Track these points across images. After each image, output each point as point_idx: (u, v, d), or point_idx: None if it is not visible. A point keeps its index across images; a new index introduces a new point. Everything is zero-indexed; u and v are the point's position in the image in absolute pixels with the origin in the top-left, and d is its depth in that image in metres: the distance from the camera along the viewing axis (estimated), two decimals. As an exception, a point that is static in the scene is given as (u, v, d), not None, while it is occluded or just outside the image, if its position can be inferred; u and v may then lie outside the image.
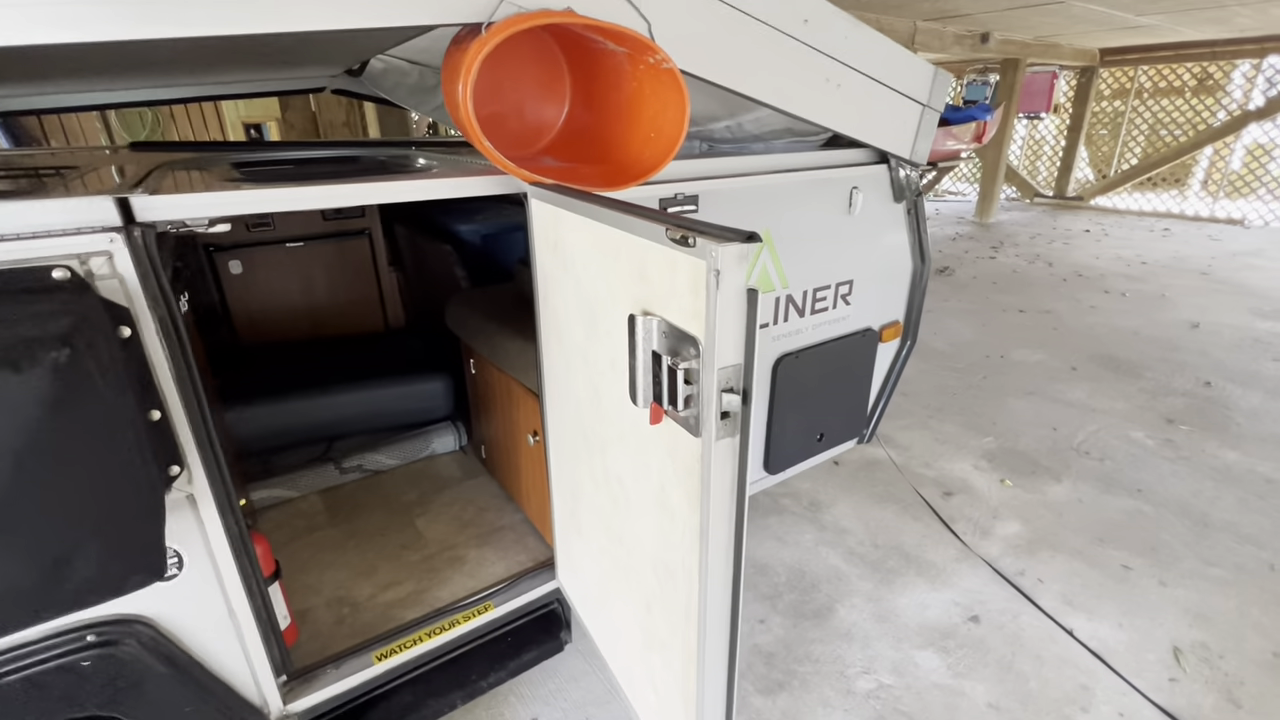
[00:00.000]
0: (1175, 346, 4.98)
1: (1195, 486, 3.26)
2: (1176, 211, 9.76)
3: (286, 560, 1.87)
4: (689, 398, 0.79)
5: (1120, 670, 2.23)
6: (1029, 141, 11.38)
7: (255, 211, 1.11)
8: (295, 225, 2.74)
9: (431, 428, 2.46)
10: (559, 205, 1.14)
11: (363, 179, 1.26)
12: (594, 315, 1.07)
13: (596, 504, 1.26)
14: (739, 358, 0.74)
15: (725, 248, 0.67)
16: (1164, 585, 2.62)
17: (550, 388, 1.43)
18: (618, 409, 1.06)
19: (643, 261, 0.86)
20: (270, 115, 10.38)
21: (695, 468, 0.83)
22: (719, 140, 2.11)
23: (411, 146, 2.45)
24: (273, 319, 2.76)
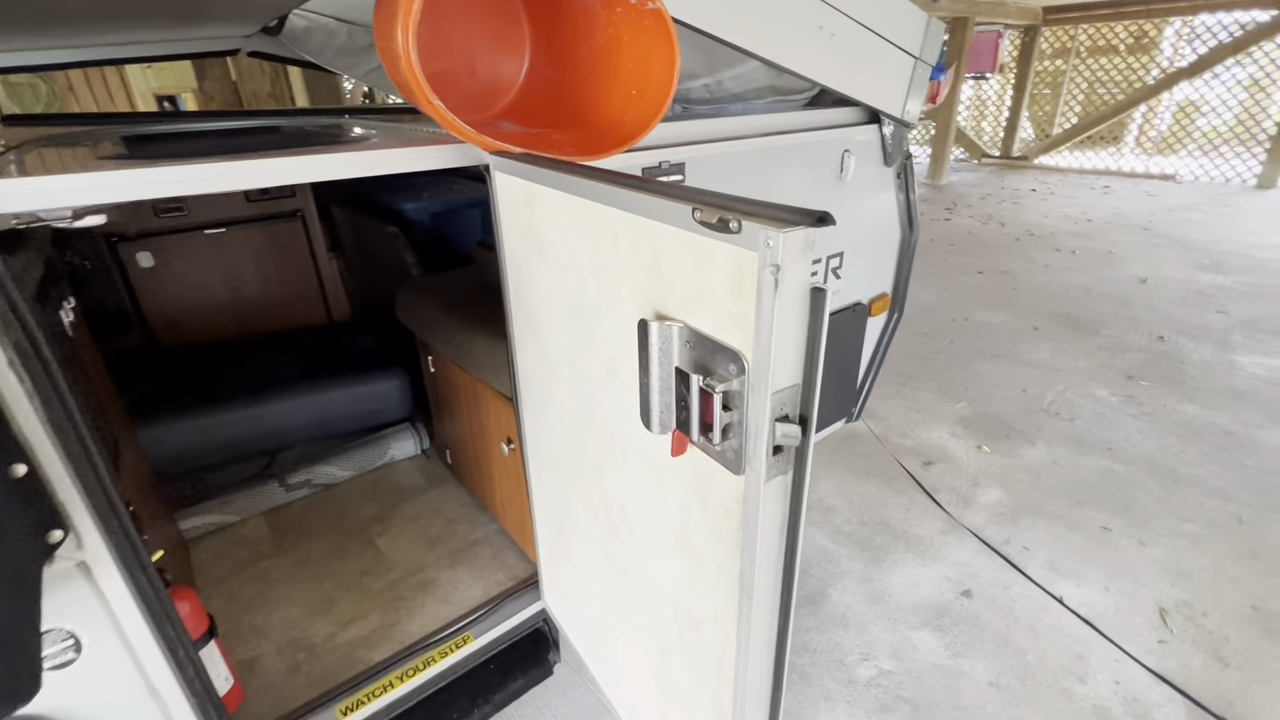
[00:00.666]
0: (1126, 302, 5.10)
1: (1160, 442, 3.31)
2: (1114, 169, 10.06)
3: (227, 599, 1.63)
4: (728, 427, 0.62)
5: (1112, 636, 2.23)
6: (974, 102, 11.50)
7: (136, 197, 0.86)
8: (214, 209, 2.40)
9: (387, 431, 2.22)
10: (532, 180, 0.92)
11: (282, 152, 1.01)
12: (584, 316, 0.88)
13: (591, 529, 1.09)
14: (798, 377, 0.57)
15: (788, 234, 0.49)
16: (1143, 545, 2.64)
17: (527, 394, 1.23)
18: (618, 428, 0.88)
19: (656, 251, 0.67)
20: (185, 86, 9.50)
21: (734, 509, 0.66)
22: (695, 101, 1.90)
23: (344, 115, 2.14)
24: (195, 317, 2.43)
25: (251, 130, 1.64)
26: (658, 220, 0.65)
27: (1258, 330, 4.51)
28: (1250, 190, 8.62)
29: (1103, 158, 10.17)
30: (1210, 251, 6.18)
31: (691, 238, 0.60)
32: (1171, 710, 1.95)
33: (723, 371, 0.61)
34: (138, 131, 1.63)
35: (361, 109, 2.33)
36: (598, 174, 0.77)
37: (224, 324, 2.50)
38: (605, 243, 0.77)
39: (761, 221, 0.51)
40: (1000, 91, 11.02)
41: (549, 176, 0.87)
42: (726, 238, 0.55)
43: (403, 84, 1.02)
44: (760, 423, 0.58)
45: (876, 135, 1.86)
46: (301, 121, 1.98)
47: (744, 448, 0.61)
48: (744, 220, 0.53)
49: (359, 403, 2.17)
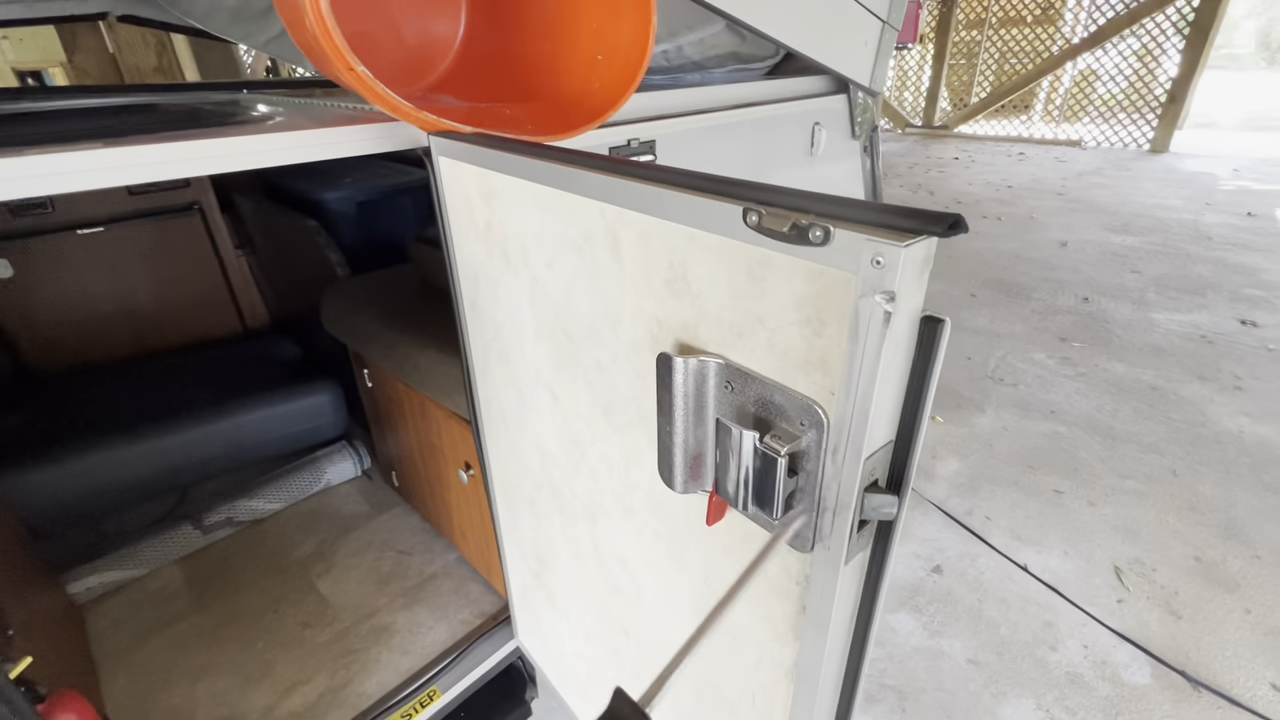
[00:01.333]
0: (1052, 266, 5.32)
1: (1097, 402, 3.45)
2: (1027, 136, 10.53)
3: (137, 674, 1.37)
4: (793, 495, 0.47)
5: (1076, 600, 2.29)
6: (897, 72, 11.74)
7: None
8: (88, 205, 2.03)
9: (321, 453, 1.96)
10: (492, 167, 0.73)
11: (167, 137, 0.77)
12: (570, 339, 0.71)
13: (581, 580, 0.93)
14: (893, 432, 0.43)
15: (909, 249, 0.34)
16: (1093, 505, 2.74)
17: (492, 421, 1.04)
18: (618, 475, 0.72)
19: (680, 263, 0.51)
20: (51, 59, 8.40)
21: (792, 591, 0.52)
22: (652, 70, 1.72)
23: (242, 90, 1.83)
24: (74, 335, 2.05)
25: (122, 110, 1.33)
26: (685, 224, 0.49)
27: (1168, 288, 4.80)
28: (1145, 155, 9.22)
29: (1015, 125, 10.63)
30: (1119, 214, 6.55)
31: (741, 249, 0.45)
32: (1137, 669, 2.01)
33: (785, 425, 0.46)
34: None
35: (264, 83, 2.00)
36: (592, 160, 0.59)
37: (114, 341, 2.14)
38: (601, 251, 0.60)
39: (864, 230, 0.36)
40: (920, 62, 11.28)
41: (515, 163, 0.68)
42: (804, 251, 0.40)
43: (312, 48, 0.80)
44: (846, 493, 0.44)
45: (845, 105, 1.74)
46: (189, 98, 1.66)
47: (817, 522, 0.47)
48: (834, 227, 0.37)
49: (285, 422, 1.90)
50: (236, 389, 1.92)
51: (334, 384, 1.96)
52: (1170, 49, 8.83)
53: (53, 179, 0.71)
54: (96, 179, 0.74)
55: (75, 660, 1.35)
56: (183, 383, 1.94)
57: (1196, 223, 6.12)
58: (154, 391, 1.91)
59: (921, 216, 0.35)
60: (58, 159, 0.70)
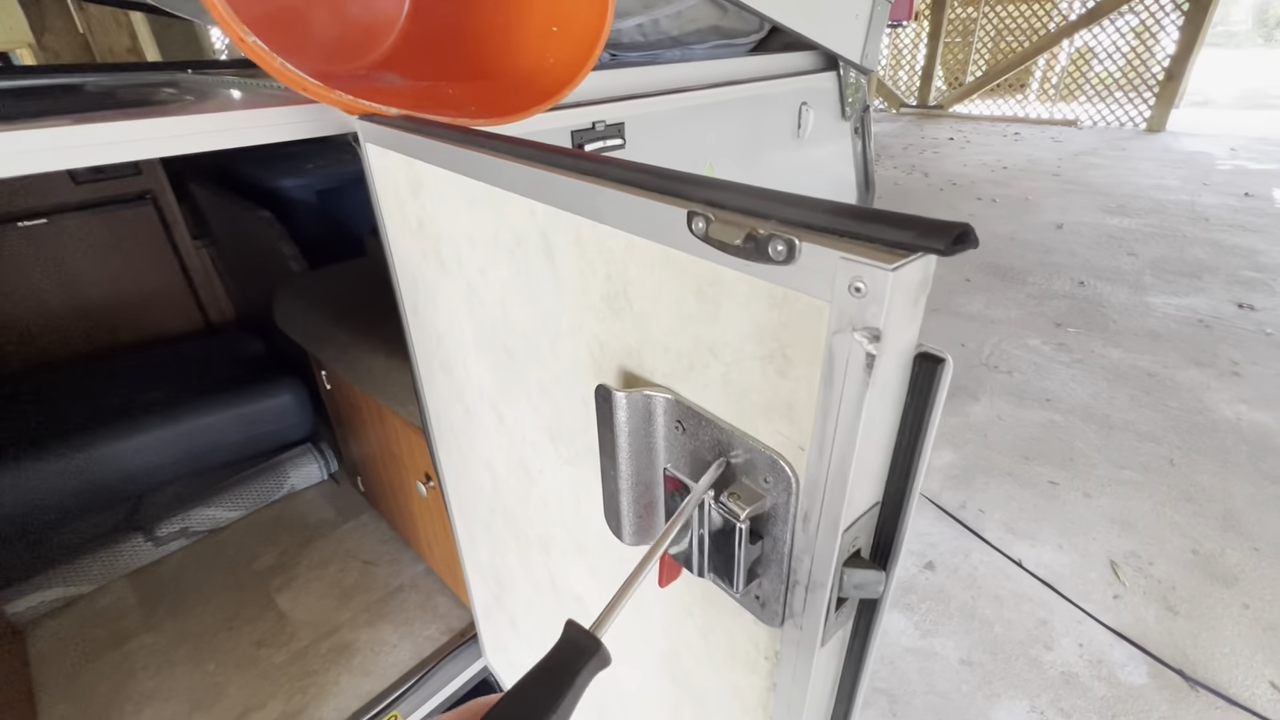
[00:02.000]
0: (1047, 249, 5.23)
1: (1093, 389, 3.39)
2: (1022, 115, 10.38)
3: (77, 701, 1.28)
4: (757, 564, 0.38)
5: (1071, 596, 2.23)
6: (891, 51, 11.53)
7: None
8: (28, 194, 1.90)
9: (284, 456, 1.86)
10: (417, 155, 0.63)
11: (51, 121, 0.66)
12: (510, 354, 0.61)
13: (539, 608, 0.84)
14: (878, 495, 0.33)
15: (899, 272, 0.24)
16: (1088, 497, 2.68)
17: (442, 434, 0.95)
18: (568, 508, 0.63)
19: (619, 274, 0.41)
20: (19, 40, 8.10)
21: (761, 666, 0.43)
22: (625, 46, 1.60)
23: (186, 70, 1.70)
24: (17, 334, 1.94)
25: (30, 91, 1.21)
26: (622, 229, 0.39)
27: (1164, 271, 4.72)
28: (1142, 134, 9.10)
29: (1011, 105, 10.47)
30: (1115, 195, 6.45)
31: (688, 261, 0.35)
32: (1134, 668, 1.95)
33: (747, 480, 0.37)
34: None
35: (212, 63, 1.87)
36: (515, 146, 0.49)
37: (62, 339, 2.02)
38: (535, 257, 0.50)
39: (841, 244, 0.27)
40: (915, 40, 11.07)
41: (440, 152, 0.58)
42: (762, 269, 0.30)
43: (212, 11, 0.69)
44: (819, 569, 0.35)
45: (834, 84, 1.63)
46: (125, 78, 1.53)
47: (787, 598, 0.38)
48: (801, 240, 0.28)
49: (246, 424, 1.79)
50: (194, 389, 1.81)
51: (298, 383, 1.85)
52: (1168, 25, 8.68)
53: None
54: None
55: (12, 687, 1.26)
56: (136, 383, 1.83)
57: (1193, 204, 6.03)
58: (105, 393, 1.80)
59: (918, 226, 0.26)
60: None
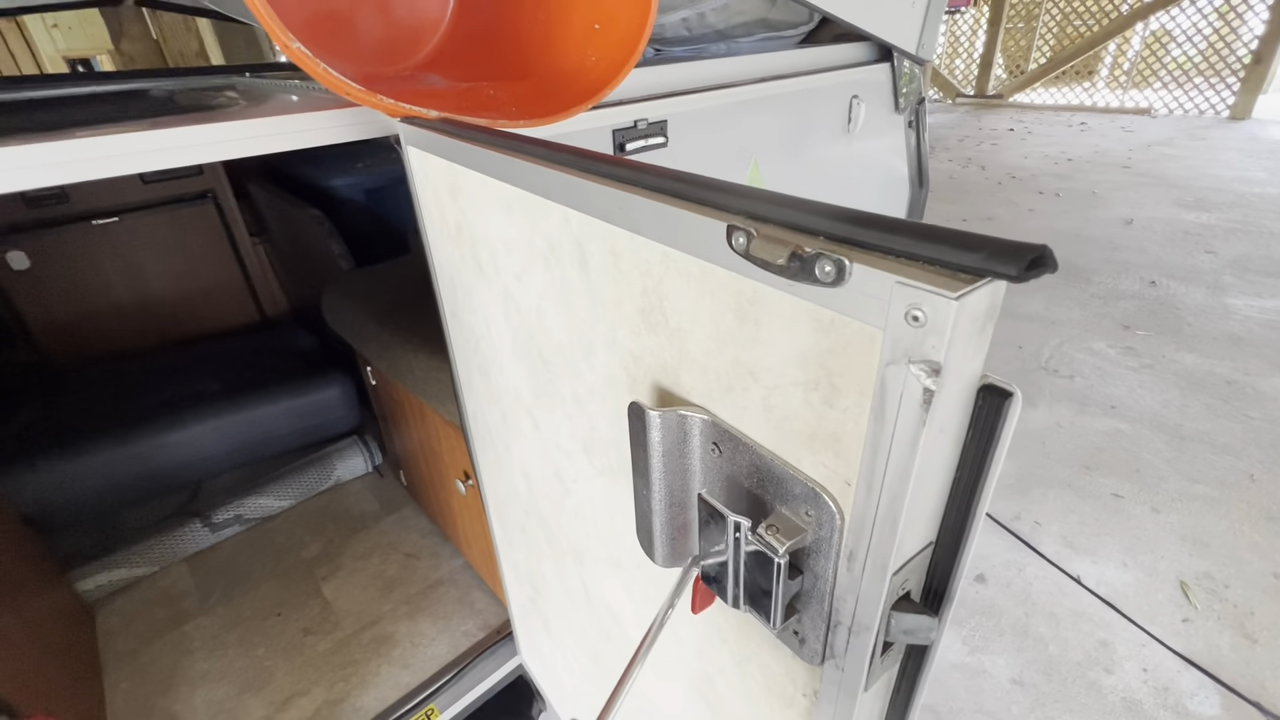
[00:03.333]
0: (1115, 246, 4.94)
1: (1163, 397, 3.18)
2: (1089, 104, 9.84)
3: (138, 678, 1.35)
4: (796, 600, 0.36)
5: (1135, 618, 2.10)
6: (948, 38, 11.09)
7: None
8: (102, 194, 2.00)
9: (331, 448, 1.91)
10: (456, 159, 0.62)
11: (87, 131, 0.69)
12: (546, 362, 0.60)
13: (573, 618, 0.83)
14: (932, 535, 0.30)
15: (959, 300, 0.22)
16: (1157, 512, 2.51)
17: (480, 436, 0.95)
18: (603, 522, 0.61)
19: (655, 287, 0.39)
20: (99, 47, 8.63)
21: (799, 701, 0.41)
22: (670, 41, 1.57)
23: (244, 73, 1.75)
24: (93, 326, 2.05)
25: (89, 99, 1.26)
26: (658, 240, 0.37)
27: (1248, 270, 4.40)
28: (1224, 122, 8.51)
29: (1077, 93, 9.93)
30: (1192, 188, 6.05)
31: (728, 278, 0.33)
32: (1204, 697, 1.82)
33: (787, 512, 0.35)
34: None
35: (269, 66, 1.93)
36: (550, 151, 0.47)
37: (132, 331, 2.13)
38: (570, 266, 0.48)
39: (897, 267, 0.24)
40: (974, 27, 10.62)
41: (476, 155, 0.57)
42: (808, 290, 0.28)
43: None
44: (865, 612, 0.32)
45: (888, 75, 1.56)
46: (189, 83, 1.59)
47: (828, 638, 0.35)
48: (852, 260, 0.25)
49: (296, 416, 1.86)
50: (249, 381, 1.88)
51: (346, 377, 1.90)
52: (1256, 4, 8.06)
53: None
54: None
55: (82, 661, 1.34)
56: (195, 375, 1.92)
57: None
58: (167, 384, 1.89)
59: (988, 248, 0.22)
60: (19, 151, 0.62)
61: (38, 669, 1.11)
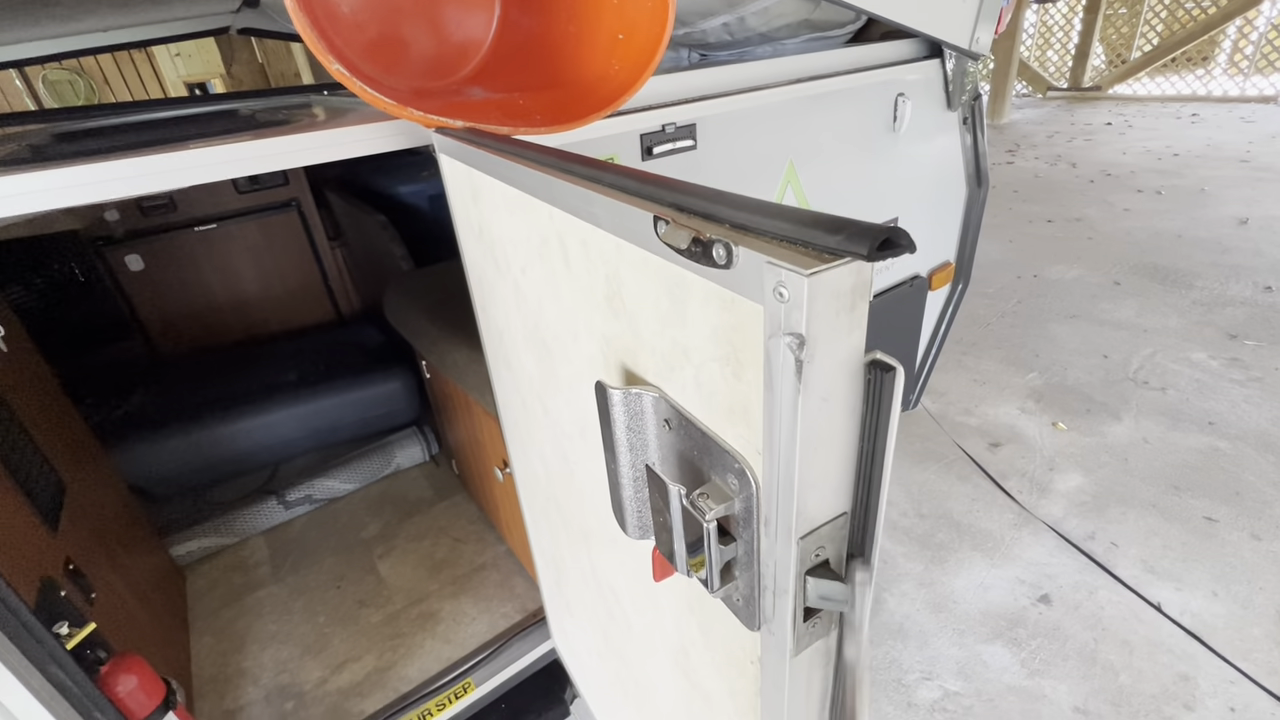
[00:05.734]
0: (1225, 248, 4.51)
1: (1273, 413, 2.88)
2: (1203, 94, 8.99)
3: (218, 635, 1.51)
4: (730, 565, 0.38)
5: (1223, 653, 1.92)
6: (1039, 28, 10.44)
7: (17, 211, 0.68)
8: (203, 203, 2.25)
9: (393, 437, 2.06)
10: (474, 165, 0.68)
11: (154, 150, 0.80)
12: (548, 349, 0.64)
13: (587, 599, 0.87)
14: (845, 503, 0.32)
15: (816, 277, 0.24)
16: (1257, 539, 2.29)
17: (510, 424, 1.01)
18: (600, 501, 0.65)
19: (614, 276, 0.43)
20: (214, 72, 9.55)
21: (749, 669, 0.43)
22: (713, 46, 1.60)
23: (322, 92, 1.93)
24: (194, 322, 2.30)
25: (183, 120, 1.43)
26: (612, 232, 0.40)
27: (1386, 275, 3.91)
28: (1368, 109, 7.56)
29: (1189, 82, 9.09)
30: (1323, 183, 5.43)
31: (659, 264, 0.36)
32: (1301, 745, 1.65)
33: (719, 481, 0.37)
34: (66, 128, 1.45)
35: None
36: (538, 157, 0.52)
37: (226, 327, 2.37)
38: (556, 259, 0.53)
39: (769, 247, 0.26)
40: (1069, 15, 9.94)
41: (488, 161, 0.62)
42: (712, 273, 0.31)
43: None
44: (782, 575, 0.34)
45: (938, 72, 1.52)
46: (267, 103, 1.77)
47: (758, 600, 0.37)
48: (737, 245, 0.28)
49: (361, 407, 2.01)
50: (322, 374, 2.05)
51: (407, 371, 2.04)
52: None
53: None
54: (72, 197, 0.76)
55: (173, 617, 1.51)
56: (275, 367, 2.11)
57: None
58: (252, 375, 2.09)
59: (848, 230, 0.25)
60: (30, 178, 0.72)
61: (135, 619, 1.26)
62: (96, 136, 1.14)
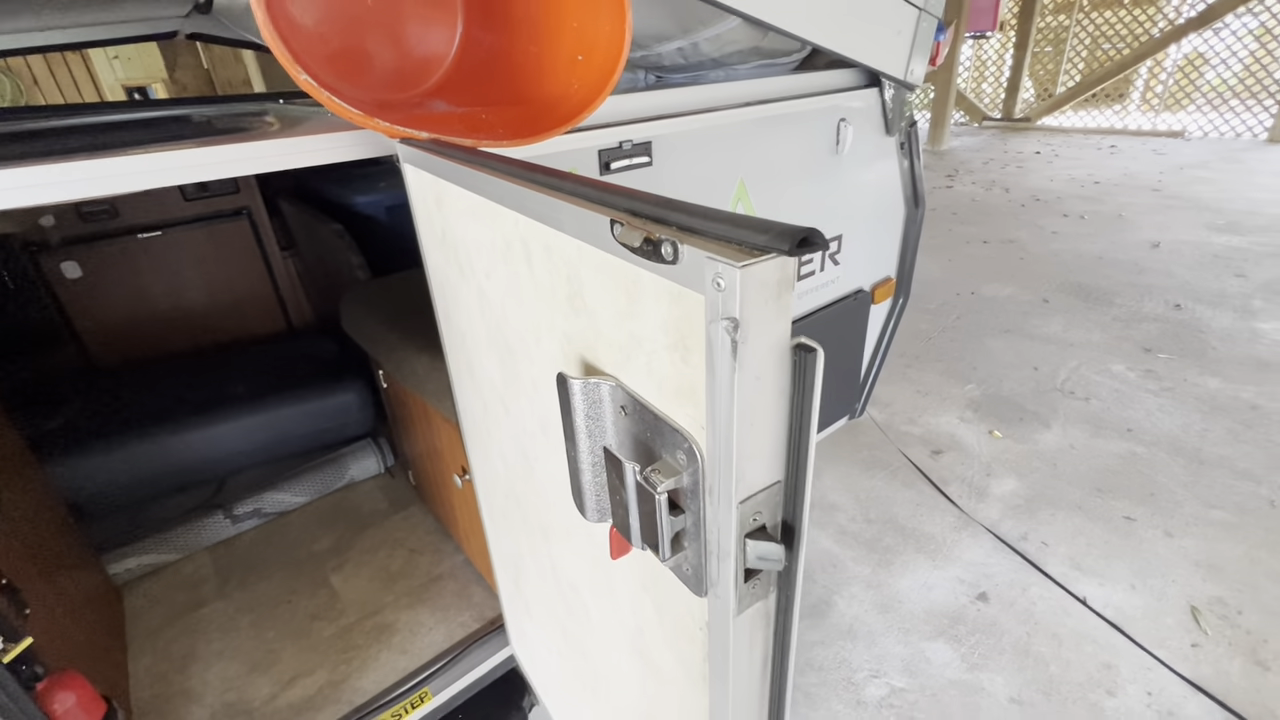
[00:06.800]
0: (1140, 269, 4.87)
1: (1183, 420, 3.12)
2: (1120, 127, 9.71)
3: (159, 655, 1.45)
4: (680, 535, 0.43)
5: (1142, 641, 2.06)
6: (974, 62, 11.11)
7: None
8: (148, 210, 2.18)
9: (346, 450, 2.02)
10: (441, 174, 0.72)
11: (116, 152, 0.80)
12: (510, 351, 0.68)
13: (546, 596, 0.90)
14: (778, 472, 0.37)
15: (748, 270, 0.29)
16: (1170, 536, 2.47)
17: (470, 428, 1.03)
18: (559, 492, 0.68)
19: (575, 276, 0.47)
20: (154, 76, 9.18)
21: (697, 636, 0.47)
22: (668, 68, 1.67)
23: (278, 100, 1.91)
24: (135, 331, 2.22)
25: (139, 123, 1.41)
26: (574, 235, 0.45)
27: (1278, 294, 4.30)
28: (1261, 145, 8.32)
29: (1108, 116, 9.82)
30: (1224, 211, 5.93)
31: (616, 264, 0.40)
32: (1211, 724, 1.79)
33: (669, 458, 0.42)
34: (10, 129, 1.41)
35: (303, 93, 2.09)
36: (504, 165, 0.56)
37: (169, 337, 2.29)
38: (519, 262, 0.56)
39: (709, 245, 0.31)
40: (1001, 50, 10.63)
41: (454, 170, 0.66)
42: (661, 269, 0.35)
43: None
44: (724, 539, 0.38)
45: (877, 100, 1.63)
46: (227, 108, 1.75)
47: (704, 566, 0.42)
48: (682, 243, 0.32)
49: (313, 419, 1.97)
50: (272, 385, 2.01)
51: (361, 383, 2.02)
52: (1294, 27, 7.93)
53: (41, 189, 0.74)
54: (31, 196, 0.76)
55: (110, 636, 1.44)
56: (223, 379, 2.06)
57: (1319, 221, 5.46)
58: (198, 386, 2.03)
59: (770, 232, 0.30)
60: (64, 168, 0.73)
61: (69, 638, 1.21)
62: (46, 138, 1.11)
